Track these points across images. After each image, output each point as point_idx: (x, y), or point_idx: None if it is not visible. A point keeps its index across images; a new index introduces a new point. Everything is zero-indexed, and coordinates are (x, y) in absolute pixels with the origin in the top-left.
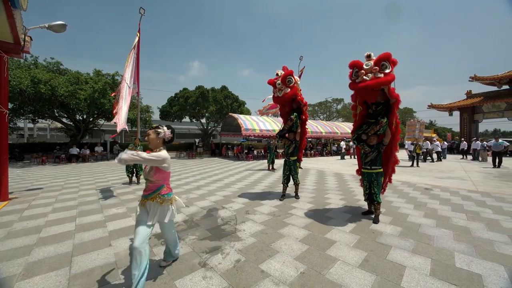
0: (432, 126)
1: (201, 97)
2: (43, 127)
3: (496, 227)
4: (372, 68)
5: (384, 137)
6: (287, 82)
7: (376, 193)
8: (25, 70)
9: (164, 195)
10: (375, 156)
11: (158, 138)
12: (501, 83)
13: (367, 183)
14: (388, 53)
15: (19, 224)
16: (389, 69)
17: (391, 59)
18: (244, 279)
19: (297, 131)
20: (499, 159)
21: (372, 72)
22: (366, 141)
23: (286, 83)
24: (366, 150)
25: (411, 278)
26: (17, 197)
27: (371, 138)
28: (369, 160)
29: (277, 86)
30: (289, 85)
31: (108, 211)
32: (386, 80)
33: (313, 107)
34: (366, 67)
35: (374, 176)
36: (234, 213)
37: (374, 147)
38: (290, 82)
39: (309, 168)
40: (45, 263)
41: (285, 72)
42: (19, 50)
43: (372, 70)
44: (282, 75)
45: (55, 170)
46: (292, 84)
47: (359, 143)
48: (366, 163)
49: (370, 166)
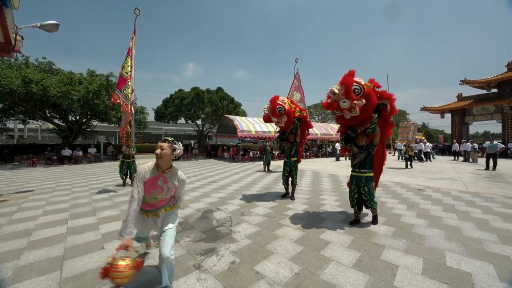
0: (424, 128)
1: (197, 98)
2: (34, 128)
3: (486, 226)
4: (353, 104)
5: (374, 137)
6: (278, 112)
7: (369, 200)
8: (15, 69)
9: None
10: (364, 157)
11: (172, 155)
12: (490, 87)
13: (354, 187)
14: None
15: (8, 227)
16: (361, 92)
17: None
18: (239, 280)
19: (297, 133)
20: (494, 161)
21: (353, 107)
22: (355, 141)
23: (279, 114)
24: (354, 151)
25: (403, 277)
26: (6, 199)
27: (360, 138)
28: (358, 162)
29: (273, 121)
30: (281, 114)
31: (101, 214)
32: (373, 102)
33: (309, 109)
34: (345, 106)
35: (364, 181)
36: (229, 214)
37: (364, 148)
38: (281, 111)
39: (304, 170)
40: (35, 267)
41: (270, 105)
42: (10, 50)
43: (353, 105)
44: (270, 109)
45: (46, 172)
46: (284, 112)
47: (347, 143)
48: (354, 165)
49: (358, 169)
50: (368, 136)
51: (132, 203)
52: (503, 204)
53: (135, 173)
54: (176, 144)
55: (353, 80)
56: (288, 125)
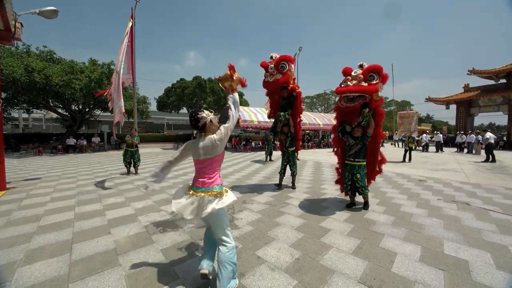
0: (429, 120)
1: (199, 88)
2: (38, 117)
3: (485, 216)
4: (358, 76)
5: (368, 128)
6: (280, 67)
7: (362, 185)
8: (17, 58)
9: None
10: (359, 148)
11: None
12: (499, 77)
13: (348, 174)
14: (379, 66)
15: (18, 213)
16: (376, 81)
17: (382, 72)
18: (241, 264)
19: (290, 124)
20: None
21: (356, 79)
22: (351, 133)
23: (279, 69)
24: (351, 142)
25: (401, 264)
26: (15, 186)
27: (356, 129)
28: (353, 153)
29: (269, 70)
30: (282, 72)
31: (107, 201)
32: (368, 89)
33: (312, 99)
34: (353, 74)
35: (357, 168)
36: (232, 202)
37: (359, 139)
38: (284, 68)
39: (306, 160)
40: (45, 250)
41: (280, 56)
42: (10, 37)
43: (357, 78)
44: (276, 59)
45: (52, 160)
46: (285, 70)
47: (344, 135)
48: (349, 155)
49: (353, 158)
50: (363, 128)
51: None
52: (504, 195)
53: (139, 162)
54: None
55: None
56: (277, 85)
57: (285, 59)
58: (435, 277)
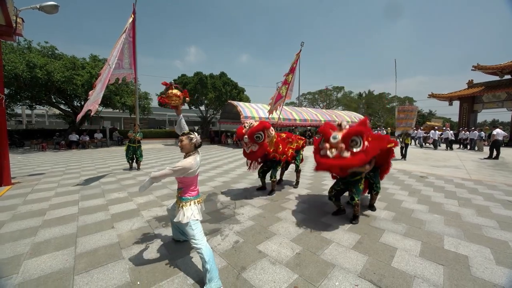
0: (432, 116)
1: (200, 84)
2: (41, 113)
3: (486, 213)
4: (338, 145)
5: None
6: (255, 138)
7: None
8: (19, 54)
9: (181, 198)
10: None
11: (191, 144)
12: (503, 73)
13: (342, 185)
14: (361, 128)
15: (23, 207)
16: (359, 147)
17: (366, 133)
18: (242, 259)
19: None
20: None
21: (337, 149)
22: None
23: (254, 139)
24: None
25: (401, 259)
26: (19, 181)
27: None
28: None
29: (245, 141)
30: (258, 142)
31: (110, 196)
32: (351, 163)
33: (313, 95)
34: (332, 141)
35: (353, 183)
36: (233, 197)
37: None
38: (259, 139)
39: (307, 156)
40: (51, 243)
41: (255, 126)
42: (11, 33)
43: (338, 147)
44: (250, 130)
45: (56, 156)
46: (261, 141)
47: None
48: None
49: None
50: None
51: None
52: (505, 192)
53: (141, 158)
54: (191, 134)
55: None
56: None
57: (260, 129)
58: (434, 272)
